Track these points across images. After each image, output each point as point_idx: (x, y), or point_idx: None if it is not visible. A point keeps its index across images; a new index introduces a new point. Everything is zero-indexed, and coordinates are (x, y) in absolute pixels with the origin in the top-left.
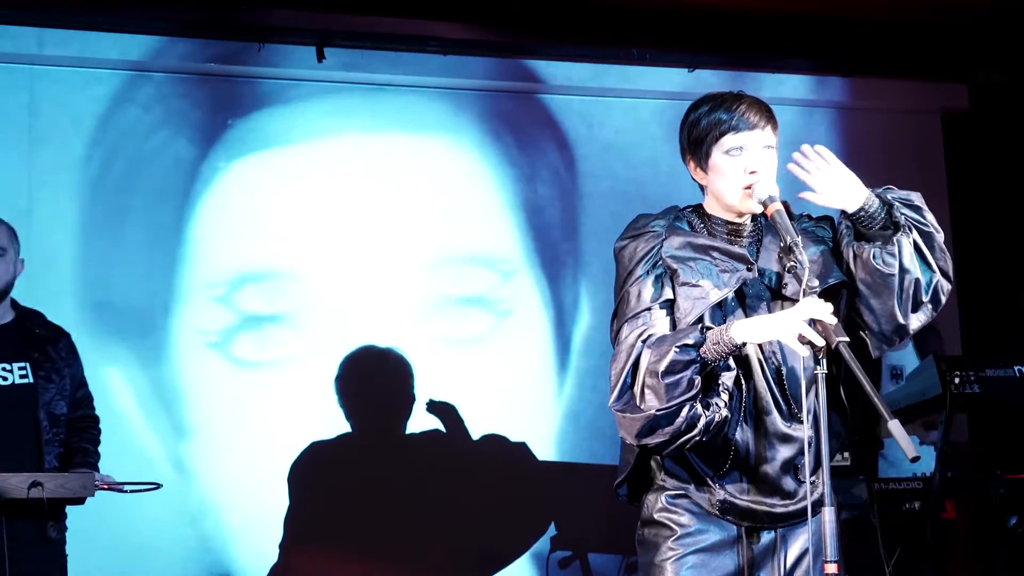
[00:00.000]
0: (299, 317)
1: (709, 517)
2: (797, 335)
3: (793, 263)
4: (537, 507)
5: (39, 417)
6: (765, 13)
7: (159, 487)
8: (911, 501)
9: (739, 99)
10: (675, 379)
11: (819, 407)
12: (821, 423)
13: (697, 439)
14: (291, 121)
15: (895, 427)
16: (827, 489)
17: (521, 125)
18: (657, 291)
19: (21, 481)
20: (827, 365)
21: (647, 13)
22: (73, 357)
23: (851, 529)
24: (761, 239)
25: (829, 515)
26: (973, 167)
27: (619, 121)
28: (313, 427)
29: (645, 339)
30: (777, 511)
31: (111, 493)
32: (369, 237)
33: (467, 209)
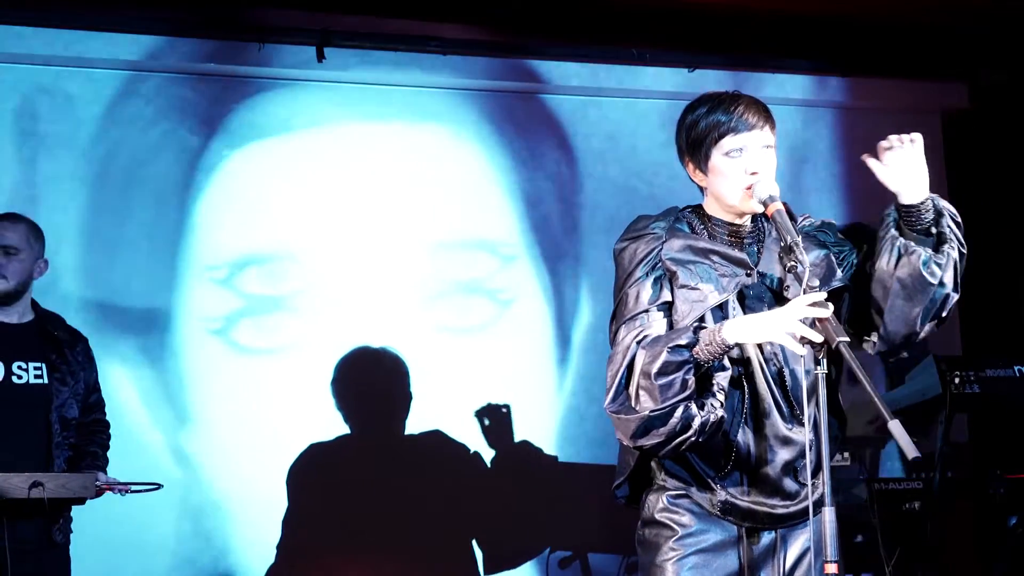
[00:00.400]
0: (301, 302)
1: (710, 518)
2: (791, 334)
3: (793, 263)
4: (538, 507)
5: (51, 419)
6: (765, 13)
7: (160, 487)
8: (911, 501)
9: (736, 99)
10: (668, 380)
11: (820, 407)
12: (821, 423)
13: (693, 439)
14: (293, 108)
15: (895, 427)
16: (827, 489)
17: (521, 124)
18: (655, 293)
19: (22, 481)
20: (826, 366)
21: (647, 13)
22: (89, 362)
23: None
24: (763, 240)
25: (829, 515)
26: (973, 167)
27: (619, 121)
28: (316, 412)
29: (640, 340)
30: (778, 512)
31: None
32: (370, 222)
33: (468, 197)
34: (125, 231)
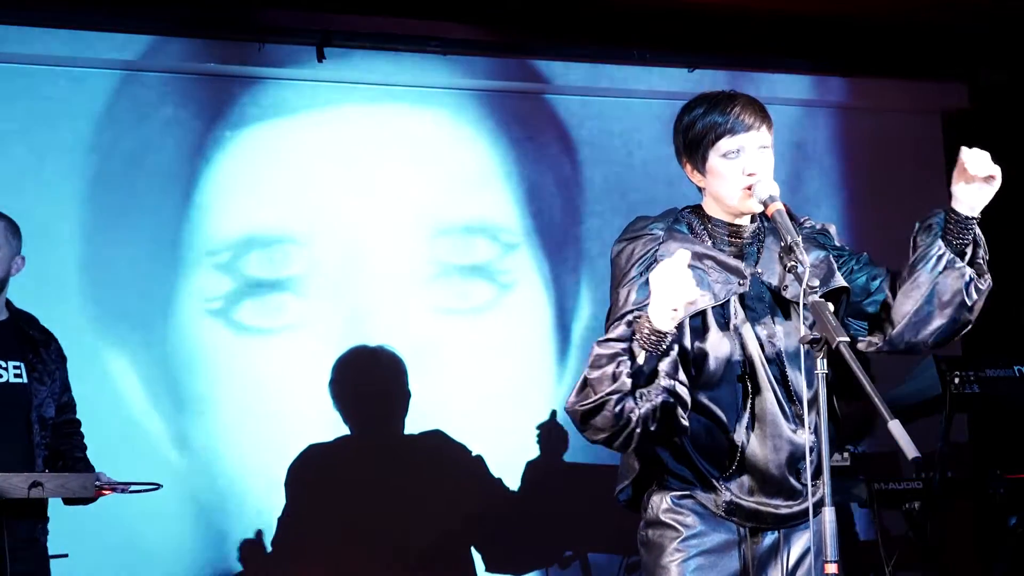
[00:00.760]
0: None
1: (714, 518)
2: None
3: (793, 263)
4: (538, 507)
5: (31, 419)
6: (765, 13)
7: (159, 487)
8: (911, 501)
9: (732, 100)
10: (598, 374)
11: (821, 407)
12: (823, 423)
13: (639, 431)
14: (295, 90)
15: (895, 427)
16: (827, 490)
17: (521, 124)
18: (644, 294)
19: (21, 481)
20: (825, 366)
21: (647, 13)
22: (62, 361)
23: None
24: (763, 240)
25: (829, 515)
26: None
27: (619, 121)
28: (316, 394)
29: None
30: (781, 512)
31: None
32: (371, 204)
33: (468, 196)
34: (127, 218)
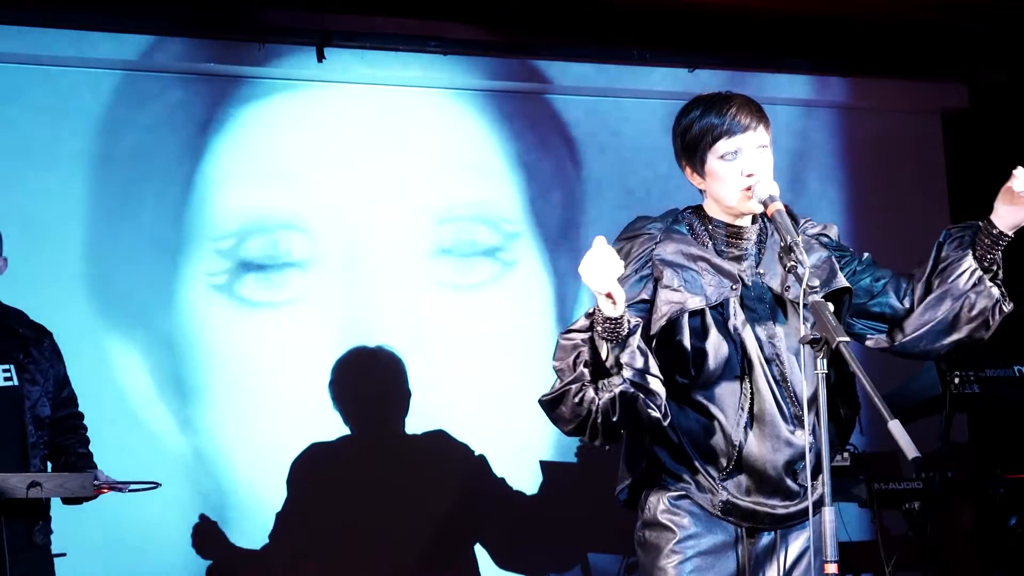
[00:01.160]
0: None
1: (711, 519)
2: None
3: (793, 263)
4: (539, 507)
5: (25, 421)
6: (765, 13)
7: (158, 486)
8: (911, 501)
9: (729, 101)
10: (560, 366)
11: (820, 407)
12: (822, 423)
13: (600, 421)
14: (295, 90)
15: (895, 427)
16: (827, 490)
17: (521, 124)
18: (635, 291)
19: (20, 481)
20: (826, 367)
21: (647, 13)
22: (56, 357)
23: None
24: (763, 240)
25: (829, 515)
26: (973, 167)
27: (619, 121)
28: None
29: None
30: (778, 512)
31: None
32: (371, 204)
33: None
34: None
